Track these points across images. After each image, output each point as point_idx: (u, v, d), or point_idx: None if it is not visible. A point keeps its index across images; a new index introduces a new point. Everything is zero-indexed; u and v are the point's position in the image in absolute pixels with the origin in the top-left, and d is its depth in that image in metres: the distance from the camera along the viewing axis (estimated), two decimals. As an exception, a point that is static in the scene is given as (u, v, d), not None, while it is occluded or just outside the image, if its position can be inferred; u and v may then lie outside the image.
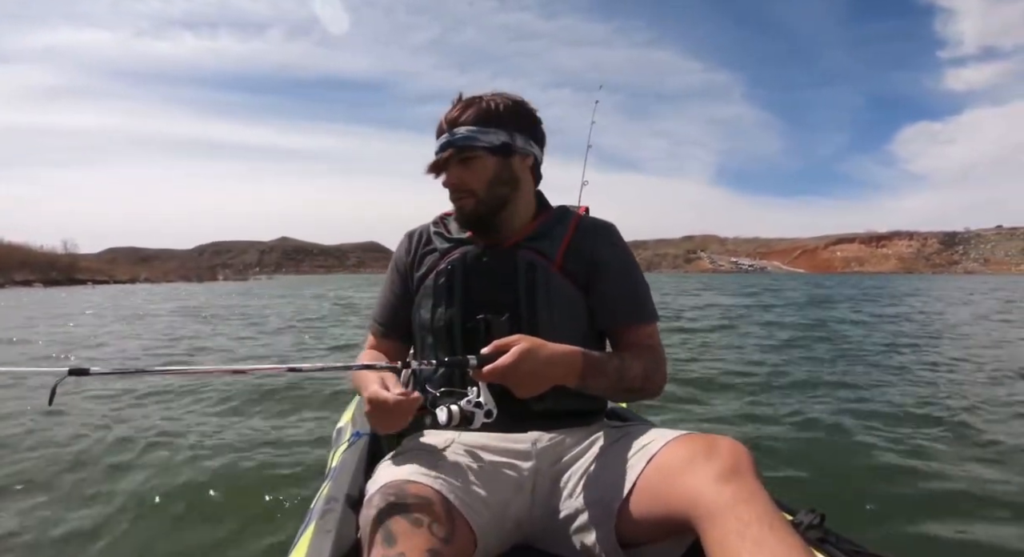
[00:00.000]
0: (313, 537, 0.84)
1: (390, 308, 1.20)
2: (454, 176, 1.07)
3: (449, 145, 1.06)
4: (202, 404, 3.56)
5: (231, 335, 8.26)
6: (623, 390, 1.03)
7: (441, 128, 1.08)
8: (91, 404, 3.53)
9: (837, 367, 4.92)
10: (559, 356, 0.91)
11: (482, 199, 1.08)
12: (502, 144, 1.06)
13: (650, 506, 0.82)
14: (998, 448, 2.65)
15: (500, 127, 1.07)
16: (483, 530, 0.86)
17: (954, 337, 6.80)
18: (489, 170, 1.07)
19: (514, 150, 1.08)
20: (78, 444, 2.77)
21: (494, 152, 1.07)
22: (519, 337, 0.89)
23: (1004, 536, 1.84)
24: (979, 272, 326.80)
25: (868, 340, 6.74)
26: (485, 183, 1.07)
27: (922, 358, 5.34)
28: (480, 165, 1.06)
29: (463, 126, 1.05)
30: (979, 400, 3.59)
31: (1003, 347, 6.23)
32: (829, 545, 0.89)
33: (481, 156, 1.06)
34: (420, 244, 1.19)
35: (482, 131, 1.05)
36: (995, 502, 2.07)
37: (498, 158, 1.07)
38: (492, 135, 1.06)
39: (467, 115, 1.06)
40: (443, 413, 0.90)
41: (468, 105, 1.08)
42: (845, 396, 3.77)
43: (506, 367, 0.86)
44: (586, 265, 1.10)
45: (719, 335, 7.68)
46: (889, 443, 2.73)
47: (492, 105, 1.08)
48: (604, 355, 1.01)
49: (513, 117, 1.09)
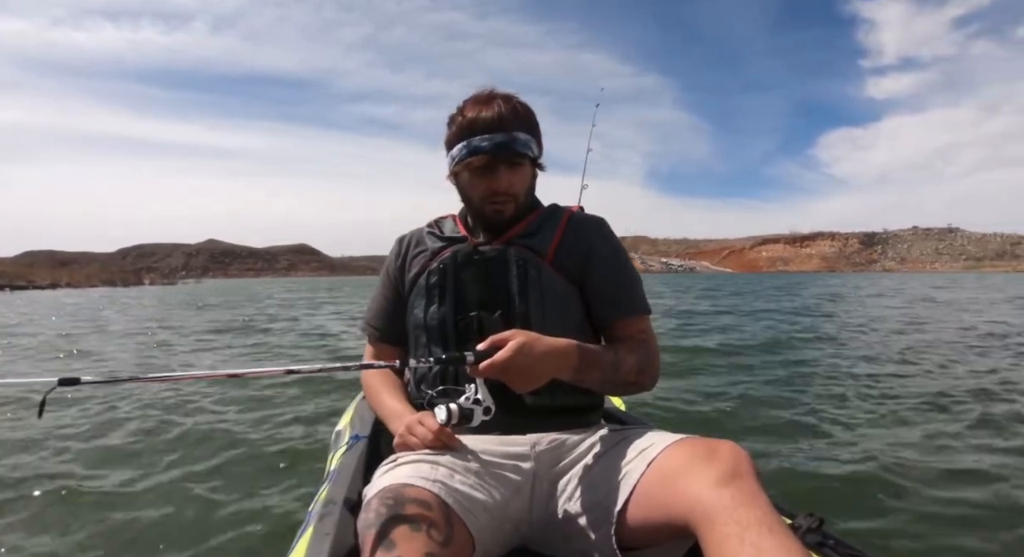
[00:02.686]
0: (311, 540, 0.84)
1: (383, 312, 1.22)
2: (507, 181, 1.07)
3: (506, 147, 1.04)
4: (198, 407, 3.55)
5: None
6: (618, 383, 1.03)
7: (483, 125, 1.04)
8: (76, 411, 3.51)
9: (834, 369, 4.93)
10: (555, 349, 0.91)
11: (520, 205, 1.10)
12: (537, 156, 1.10)
13: (649, 509, 0.82)
14: (998, 451, 2.65)
15: (536, 138, 1.10)
16: (481, 533, 0.86)
17: (947, 341, 6.80)
18: (527, 177, 1.10)
19: (540, 161, 1.12)
20: (65, 450, 2.76)
21: (533, 162, 1.10)
22: (514, 332, 0.90)
23: (1003, 538, 1.84)
24: (896, 270, 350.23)
25: (857, 344, 6.74)
26: (525, 190, 1.11)
27: (922, 361, 5.34)
28: (525, 172, 1.09)
29: (517, 131, 1.05)
30: (982, 404, 3.59)
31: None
32: (828, 549, 0.89)
33: (526, 164, 1.08)
34: (410, 247, 1.20)
35: (531, 140, 1.07)
36: (995, 504, 2.07)
37: (533, 168, 1.11)
38: (534, 146, 1.09)
39: (517, 120, 1.06)
40: (442, 412, 0.90)
41: (515, 109, 1.06)
42: (843, 398, 3.77)
43: (503, 362, 0.86)
44: (578, 260, 1.11)
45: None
46: (887, 447, 2.73)
47: (531, 115, 1.09)
48: (599, 348, 1.01)
49: (535, 125, 1.11)
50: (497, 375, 0.87)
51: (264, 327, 9.95)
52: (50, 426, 3.12)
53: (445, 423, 0.90)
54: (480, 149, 1.04)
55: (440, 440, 0.96)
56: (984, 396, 3.79)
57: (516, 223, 1.12)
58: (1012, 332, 7.63)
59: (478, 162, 1.05)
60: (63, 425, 3.18)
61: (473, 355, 0.88)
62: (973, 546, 1.81)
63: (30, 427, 3.14)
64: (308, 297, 22.73)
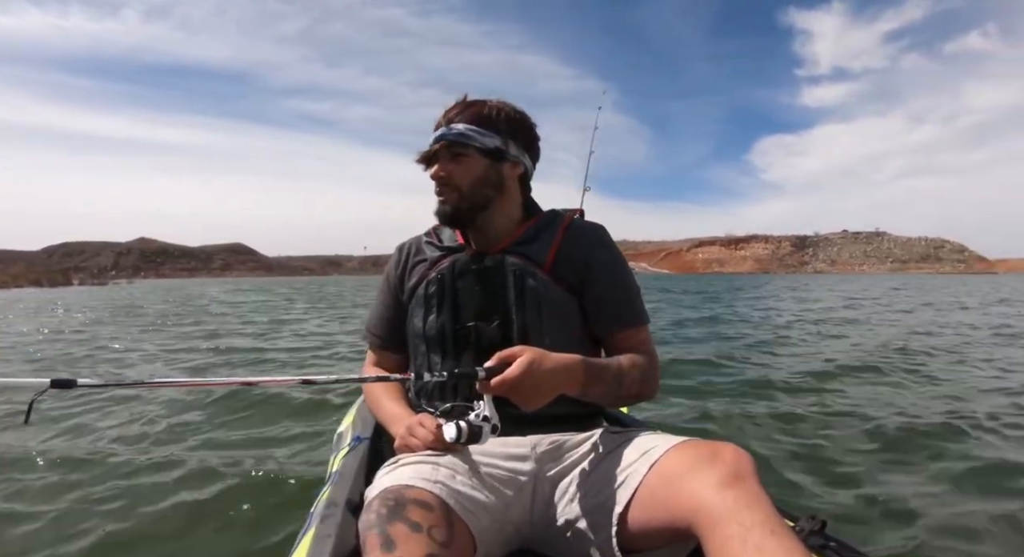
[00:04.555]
0: (313, 541, 0.84)
1: (384, 320, 1.23)
2: (442, 169, 1.10)
3: (442, 138, 1.09)
4: (200, 410, 3.55)
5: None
6: (620, 396, 1.03)
7: (438, 123, 1.11)
8: (72, 412, 3.47)
9: (833, 370, 4.91)
10: (562, 365, 0.91)
11: (465, 196, 1.10)
12: (495, 148, 1.09)
13: (651, 511, 0.82)
14: (1004, 454, 2.64)
15: (496, 132, 1.09)
16: (483, 534, 0.86)
17: (954, 347, 6.77)
18: (477, 170, 1.10)
19: (506, 156, 1.11)
20: (63, 453, 2.75)
21: (486, 154, 1.09)
22: (522, 348, 0.89)
23: (1005, 540, 1.83)
24: (827, 272, 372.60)
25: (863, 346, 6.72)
26: (471, 181, 1.10)
27: (927, 366, 5.33)
28: (469, 163, 1.09)
29: (461, 123, 1.08)
30: (992, 409, 3.58)
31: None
32: (830, 551, 0.89)
33: (472, 155, 1.09)
34: (410, 255, 1.21)
35: (478, 131, 1.08)
36: (996, 506, 2.06)
37: (489, 161, 1.10)
38: (487, 138, 1.08)
39: (466, 114, 1.09)
40: (451, 429, 0.89)
41: (469, 106, 1.10)
42: (841, 400, 3.76)
43: (514, 379, 0.85)
44: (577, 268, 1.11)
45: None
46: (889, 449, 2.73)
47: (493, 110, 1.10)
48: (603, 362, 1.01)
49: (511, 125, 1.11)
50: (506, 392, 0.86)
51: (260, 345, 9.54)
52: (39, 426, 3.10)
53: (455, 440, 0.88)
54: (430, 144, 1.11)
55: (441, 441, 0.96)
56: (985, 395, 3.78)
57: (471, 217, 1.11)
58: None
59: (423, 155, 1.12)
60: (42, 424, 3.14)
61: (484, 371, 0.87)
62: (976, 548, 1.80)
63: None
64: (264, 300, 20.95)
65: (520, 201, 1.17)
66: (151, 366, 5.74)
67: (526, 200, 1.19)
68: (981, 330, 8.34)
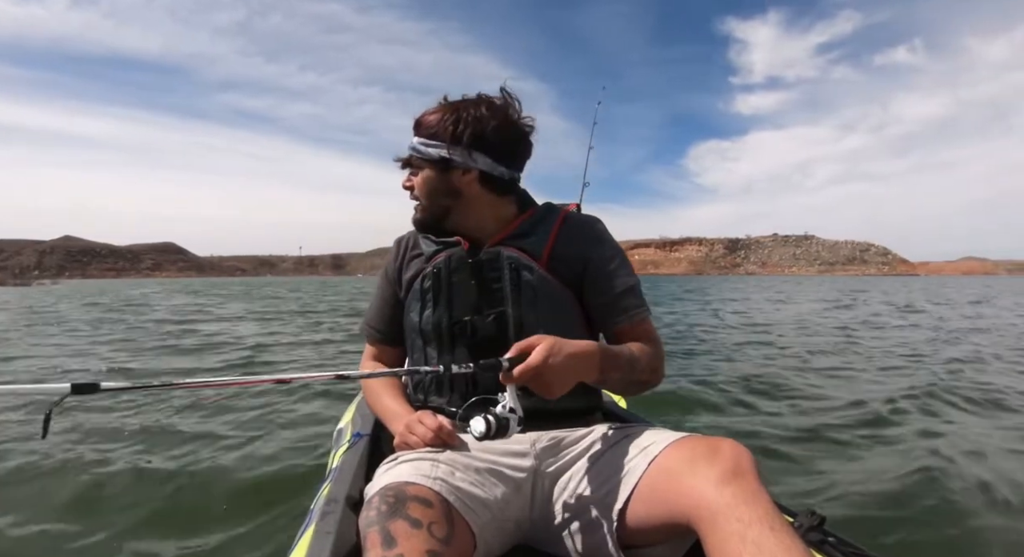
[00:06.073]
0: (313, 538, 0.84)
1: (383, 314, 1.23)
2: (408, 181, 1.16)
3: (403, 156, 1.16)
4: (198, 406, 3.55)
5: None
6: (633, 382, 1.03)
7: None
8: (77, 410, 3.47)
9: (831, 369, 4.92)
10: (580, 351, 0.90)
11: (425, 207, 1.14)
12: (440, 158, 1.09)
13: (651, 507, 0.82)
14: (1005, 448, 2.65)
15: (440, 142, 1.09)
16: (483, 531, 0.86)
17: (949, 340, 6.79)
18: (431, 181, 1.12)
19: (452, 165, 1.10)
20: (70, 450, 2.76)
21: (434, 165, 1.10)
22: (539, 337, 0.89)
23: (1004, 538, 1.84)
24: (758, 273, 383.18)
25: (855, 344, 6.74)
26: (426, 192, 1.13)
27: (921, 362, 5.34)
28: (423, 176, 1.12)
29: (415, 137, 1.12)
30: (985, 400, 3.59)
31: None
32: (829, 547, 0.89)
33: (423, 167, 1.12)
34: (407, 249, 1.21)
35: (424, 143, 1.10)
36: (995, 505, 2.07)
37: (438, 171, 1.11)
38: (432, 148, 1.10)
39: (419, 127, 1.12)
40: (480, 424, 0.86)
41: (432, 113, 1.12)
42: (841, 400, 3.77)
43: (537, 365, 0.85)
44: (574, 262, 1.11)
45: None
46: (888, 446, 2.73)
47: (442, 118, 1.09)
48: (617, 348, 1.01)
49: (456, 132, 1.08)
50: (528, 380, 0.86)
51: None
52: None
53: (483, 436, 0.86)
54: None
55: (440, 438, 0.96)
56: (985, 395, 3.79)
57: (435, 224, 1.15)
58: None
59: (403, 165, 1.19)
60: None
61: (508, 362, 0.86)
62: (974, 544, 1.81)
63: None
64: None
65: (502, 199, 1.15)
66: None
67: (517, 195, 1.18)
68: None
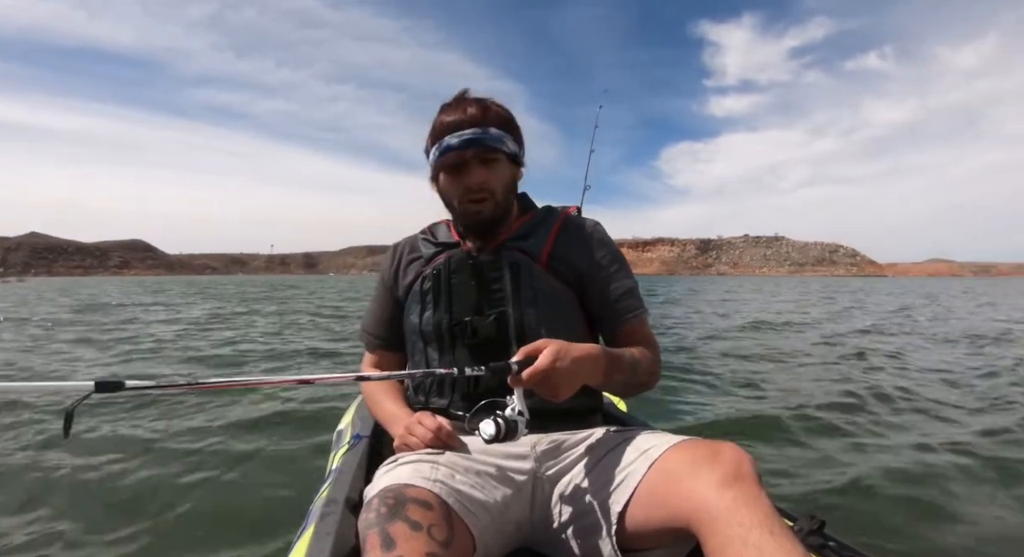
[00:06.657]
0: (312, 540, 0.84)
1: (381, 320, 1.23)
2: (481, 176, 1.05)
3: (478, 143, 1.03)
4: (199, 409, 3.55)
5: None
6: (634, 385, 1.04)
7: (453, 124, 1.04)
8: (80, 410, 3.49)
9: (835, 372, 4.92)
10: (585, 355, 0.90)
11: (499, 202, 1.08)
12: (515, 153, 1.09)
13: (651, 511, 0.82)
14: (1003, 454, 2.65)
15: (513, 135, 1.09)
16: (483, 533, 0.86)
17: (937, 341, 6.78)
18: (506, 174, 1.09)
19: (521, 161, 1.12)
20: (69, 453, 2.76)
21: (511, 159, 1.09)
22: (545, 340, 0.89)
23: (1004, 541, 1.84)
24: (729, 274, 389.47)
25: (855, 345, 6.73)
26: (503, 188, 1.08)
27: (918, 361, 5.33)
28: (501, 168, 1.07)
29: (488, 126, 1.04)
30: (986, 405, 3.59)
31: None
32: (829, 551, 0.89)
33: (502, 160, 1.07)
34: (404, 254, 1.21)
35: (507, 136, 1.06)
36: (995, 506, 2.07)
37: (512, 165, 1.10)
38: (510, 142, 1.07)
39: (491, 116, 1.05)
40: (490, 426, 0.86)
41: (485, 107, 1.06)
42: (840, 400, 3.76)
43: (545, 368, 0.85)
44: (575, 264, 1.11)
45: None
46: (888, 449, 2.73)
47: (505, 112, 1.08)
48: (619, 351, 1.01)
49: (517, 128, 1.11)
50: (539, 382, 0.86)
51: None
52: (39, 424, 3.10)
53: (493, 438, 0.86)
54: (451, 147, 1.04)
55: (440, 439, 0.96)
56: (987, 396, 3.78)
57: (499, 224, 1.10)
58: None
59: (451, 160, 1.05)
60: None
61: (516, 365, 0.86)
62: (975, 547, 1.81)
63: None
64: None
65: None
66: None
67: (519, 197, 1.20)
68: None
